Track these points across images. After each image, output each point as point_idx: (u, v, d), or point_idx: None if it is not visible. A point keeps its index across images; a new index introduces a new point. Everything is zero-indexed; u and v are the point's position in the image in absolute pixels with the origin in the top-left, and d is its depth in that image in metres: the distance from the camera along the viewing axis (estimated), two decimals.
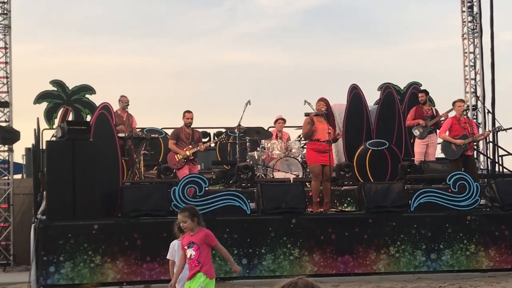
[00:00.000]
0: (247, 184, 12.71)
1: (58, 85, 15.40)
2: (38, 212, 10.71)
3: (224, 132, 16.05)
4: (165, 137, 15.44)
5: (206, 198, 10.64)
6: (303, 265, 10.53)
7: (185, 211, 6.88)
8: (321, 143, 11.30)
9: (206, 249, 6.80)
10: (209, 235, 6.84)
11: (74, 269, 9.94)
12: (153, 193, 10.67)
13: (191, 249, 6.77)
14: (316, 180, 11.38)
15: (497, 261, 10.99)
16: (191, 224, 6.77)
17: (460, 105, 13.16)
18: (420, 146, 14.42)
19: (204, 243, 6.78)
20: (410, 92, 16.02)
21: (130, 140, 13.31)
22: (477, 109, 17.88)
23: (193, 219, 6.77)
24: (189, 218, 6.77)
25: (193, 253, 6.77)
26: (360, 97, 15.07)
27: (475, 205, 11.28)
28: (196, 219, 6.80)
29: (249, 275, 10.41)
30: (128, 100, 14.12)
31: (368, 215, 10.91)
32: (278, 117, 14.83)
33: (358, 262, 10.68)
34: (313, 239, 10.61)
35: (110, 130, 11.28)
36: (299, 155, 13.94)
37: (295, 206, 10.77)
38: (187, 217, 6.78)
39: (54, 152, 10.39)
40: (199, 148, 13.04)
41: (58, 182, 10.21)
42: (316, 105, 11.64)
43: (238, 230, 10.47)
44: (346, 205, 12.71)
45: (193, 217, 6.78)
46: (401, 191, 11.20)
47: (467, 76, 17.99)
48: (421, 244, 10.83)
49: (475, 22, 17.99)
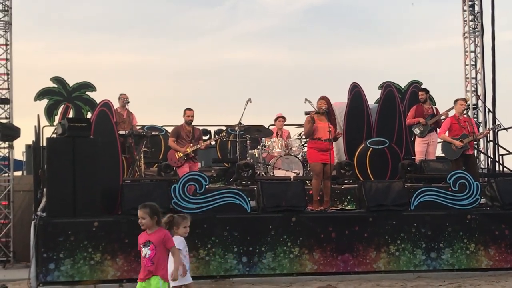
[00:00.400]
0: (247, 182, 12.71)
1: (59, 82, 15.42)
2: (38, 209, 10.71)
3: (224, 130, 16.02)
4: (166, 134, 15.44)
5: (206, 196, 10.63)
6: (303, 264, 10.53)
7: (146, 207, 6.74)
8: (322, 141, 11.31)
9: (163, 250, 6.65)
10: (167, 236, 6.71)
11: (74, 266, 9.93)
12: (153, 191, 10.65)
13: (146, 248, 6.63)
14: (317, 178, 11.38)
15: (497, 260, 10.98)
16: (150, 222, 6.65)
17: (462, 104, 13.14)
18: (421, 145, 14.42)
19: (161, 243, 6.63)
20: (411, 90, 16.03)
21: (131, 137, 13.31)
22: (477, 108, 17.88)
23: (152, 217, 6.65)
24: (148, 216, 6.64)
25: (148, 253, 6.64)
26: (361, 95, 15.07)
27: (475, 204, 11.27)
28: (156, 218, 6.68)
29: (249, 273, 10.41)
30: (128, 97, 14.12)
31: (368, 213, 10.90)
32: (278, 115, 14.83)
33: (358, 260, 10.67)
34: (313, 238, 10.61)
35: (110, 128, 11.28)
36: (300, 153, 13.94)
37: (295, 204, 10.76)
38: (147, 214, 6.65)
39: (54, 149, 10.39)
40: (200, 146, 13.03)
41: (58, 179, 10.20)
42: (317, 103, 11.64)
43: (238, 228, 10.47)
44: (347, 203, 12.71)
45: (153, 215, 6.66)
46: (402, 189, 11.20)
47: (468, 75, 17.98)
48: (421, 243, 10.83)
49: (476, 21, 17.98)
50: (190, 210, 10.44)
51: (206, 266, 10.28)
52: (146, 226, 6.69)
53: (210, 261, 10.30)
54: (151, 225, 6.68)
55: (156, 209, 6.76)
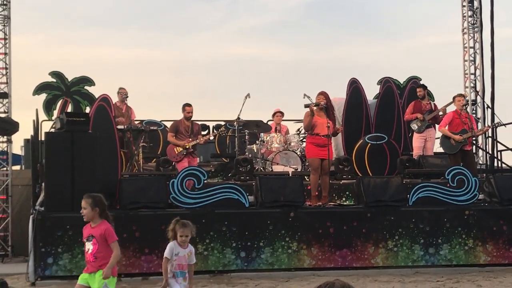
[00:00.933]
0: (246, 177, 12.71)
1: (57, 77, 15.39)
2: (36, 203, 10.71)
3: (223, 125, 16.03)
4: (164, 129, 15.42)
5: (205, 191, 10.64)
6: (301, 259, 10.55)
7: (89, 197, 6.58)
8: (321, 137, 11.30)
9: (105, 244, 6.48)
10: (108, 230, 6.51)
11: (72, 261, 9.94)
12: (151, 186, 10.67)
13: (89, 243, 6.50)
14: (315, 173, 11.38)
15: (494, 256, 11.00)
16: (90, 213, 6.48)
17: (460, 100, 13.15)
18: (419, 140, 14.42)
19: (103, 238, 6.47)
20: (410, 86, 16.01)
21: (129, 132, 13.29)
22: (476, 104, 17.88)
23: (93, 208, 6.47)
24: (89, 206, 6.47)
25: (91, 248, 6.50)
26: (360, 91, 15.06)
27: (473, 200, 11.28)
28: (98, 210, 6.49)
29: (247, 268, 10.43)
30: (126, 92, 14.09)
31: (366, 209, 10.91)
32: (276, 110, 14.82)
33: (356, 256, 10.69)
34: (312, 233, 10.62)
35: (109, 122, 11.27)
36: (298, 148, 13.94)
37: (293, 200, 10.77)
38: (89, 204, 6.48)
39: (53, 144, 10.39)
40: (199, 141, 13.03)
41: (57, 173, 10.21)
42: (316, 98, 11.63)
43: (236, 223, 10.48)
44: (345, 199, 12.71)
45: (95, 206, 6.48)
46: (400, 185, 11.21)
47: (467, 71, 17.97)
48: (419, 238, 10.84)
49: (476, 17, 17.96)
50: (188, 205, 10.46)
51: (204, 261, 10.29)
52: (87, 217, 6.52)
53: (208, 256, 10.32)
54: (92, 216, 6.49)
55: (99, 201, 6.56)
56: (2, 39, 14.14)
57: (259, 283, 9.71)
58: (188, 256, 6.95)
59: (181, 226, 6.93)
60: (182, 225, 6.95)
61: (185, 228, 6.93)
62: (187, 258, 6.94)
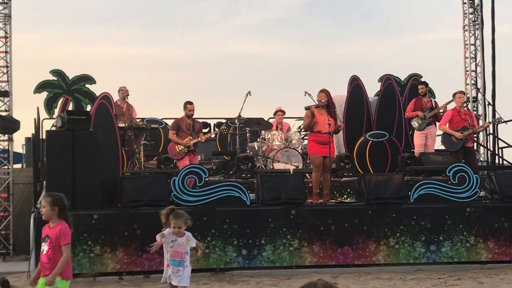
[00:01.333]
0: (247, 175, 12.72)
1: (58, 75, 15.39)
2: (37, 201, 10.71)
3: (224, 123, 16.04)
4: (165, 127, 15.43)
5: (206, 189, 10.64)
6: (302, 256, 10.55)
7: (49, 196, 6.31)
8: (322, 135, 11.29)
9: (59, 246, 6.14)
10: (62, 231, 6.15)
11: (74, 259, 9.92)
12: (153, 184, 10.67)
13: (45, 243, 6.20)
14: (317, 171, 11.36)
15: (496, 253, 11.00)
16: (48, 212, 6.19)
17: (460, 97, 13.14)
18: (419, 138, 14.42)
19: (57, 240, 6.14)
20: (411, 83, 16.00)
21: (130, 130, 13.29)
22: (477, 101, 17.87)
23: (52, 207, 6.18)
24: (48, 205, 6.19)
25: (45, 248, 6.20)
26: (361, 88, 15.06)
27: (474, 197, 11.28)
28: (57, 210, 6.18)
29: (248, 265, 10.43)
30: (127, 90, 14.10)
31: (367, 206, 10.91)
32: (278, 109, 14.82)
33: (358, 253, 10.69)
34: (313, 230, 10.62)
35: (110, 120, 11.27)
36: (299, 146, 13.93)
37: (294, 197, 10.77)
38: (48, 203, 6.20)
39: (54, 142, 10.39)
40: (200, 139, 13.02)
41: (58, 171, 10.21)
42: (317, 96, 11.62)
43: (238, 221, 10.48)
44: (346, 196, 12.71)
45: (53, 205, 6.19)
46: (401, 182, 11.20)
47: (467, 68, 17.96)
48: (420, 235, 10.84)
49: (476, 14, 17.95)
50: (189, 203, 10.46)
51: (206, 259, 10.29)
52: (45, 215, 6.26)
53: (210, 254, 10.31)
54: (51, 216, 6.22)
55: (59, 201, 6.26)
56: (2, 38, 14.14)
57: (260, 281, 9.71)
58: (187, 242, 6.98)
59: (175, 217, 6.89)
60: (175, 215, 6.90)
61: (178, 219, 6.88)
62: (186, 246, 6.95)
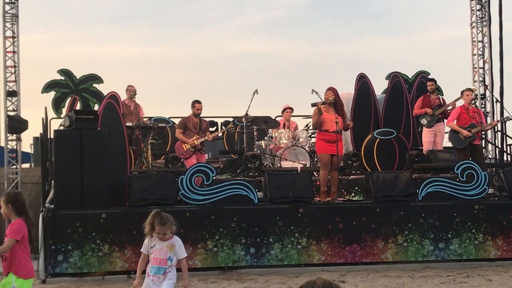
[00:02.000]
0: (254, 173, 12.72)
1: (66, 75, 15.42)
2: (46, 201, 10.75)
3: (231, 122, 16.01)
4: (173, 126, 15.44)
5: (213, 187, 10.64)
6: (310, 254, 10.55)
7: (3, 195, 6.12)
8: (330, 133, 11.27)
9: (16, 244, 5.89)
10: (13, 225, 5.92)
11: (82, 258, 9.97)
12: (160, 182, 10.68)
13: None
14: (325, 169, 11.35)
15: (505, 250, 10.98)
16: (5, 211, 5.99)
17: (468, 94, 13.12)
18: (428, 135, 14.38)
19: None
20: (418, 81, 15.97)
21: (138, 129, 13.31)
22: (485, 98, 17.82)
23: (6, 205, 5.96)
24: (3, 203, 6.00)
25: None
26: (368, 86, 15.03)
27: (483, 194, 11.26)
28: (11, 207, 5.95)
29: (257, 264, 10.43)
30: (135, 89, 14.11)
31: (375, 204, 10.90)
32: (286, 106, 14.81)
33: (366, 251, 10.68)
34: (321, 228, 10.61)
35: (117, 119, 11.29)
36: (307, 144, 13.92)
37: (302, 195, 10.77)
38: (3, 201, 6.00)
39: (62, 141, 10.41)
40: (207, 138, 13.02)
41: (66, 171, 10.24)
42: (324, 94, 11.61)
43: (245, 219, 10.48)
44: (354, 194, 12.70)
45: (7, 203, 5.96)
46: (409, 180, 11.19)
47: (475, 65, 17.92)
48: (429, 233, 10.82)
49: (484, 11, 17.91)
50: (197, 202, 10.48)
51: (214, 258, 10.31)
52: (4, 215, 6.08)
53: (218, 253, 10.32)
54: (8, 214, 6.02)
55: (12, 198, 6.04)
56: (10, 38, 14.19)
57: (268, 279, 9.71)
58: (170, 248, 6.35)
59: (160, 223, 6.30)
60: (160, 221, 6.30)
61: (163, 226, 6.31)
62: (167, 252, 6.33)
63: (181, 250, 6.42)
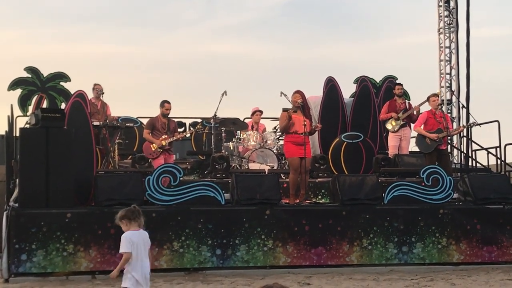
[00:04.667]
0: (222, 174, 12.69)
1: (33, 72, 15.24)
2: (10, 199, 10.63)
3: (199, 123, 15.97)
4: (140, 126, 15.36)
5: (180, 188, 10.62)
6: (276, 256, 10.56)
7: None
8: (299, 135, 11.31)
9: None
10: None
11: (47, 258, 9.87)
12: (127, 182, 10.63)
13: None
14: (295, 173, 11.38)
15: (468, 255, 11.09)
16: None
17: (434, 100, 13.27)
18: (394, 140, 14.48)
19: None
20: (386, 85, 16.08)
21: (105, 128, 13.22)
22: (451, 104, 18.03)
23: None
24: None
25: None
26: (336, 89, 15.12)
27: (448, 199, 11.38)
28: None
29: (222, 265, 10.42)
30: (102, 88, 14.00)
31: (342, 207, 10.96)
32: (256, 109, 14.82)
33: (331, 253, 10.73)
34: (287, 231, 10.64)
35: (84, 118, 11.21)
36: (275, 146, 13.94)
37: (269, 197, 10.79)
38: None
39: (27, 140, 10.31)
40: (175, 138, 12.98)
41: (31, 169, 10.13)
42: (292, 97, 11.66)
43: (212, 221, 10.46)
44: (320, 197, 12.74)
45: None
46: (375, 184, 11.27)
47: (442, 70, 18.13)
48: (393, 236, 10.90)
49: (451, 17, 18.13)
50: (164, 202, 10.44)
51: (180, 259, 10.27)
52: None
53: (184, 254, 10.30)
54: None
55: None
56: None
57: (234, 281, 9.71)
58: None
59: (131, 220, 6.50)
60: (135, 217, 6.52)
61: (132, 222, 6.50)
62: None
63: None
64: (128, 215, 6.52)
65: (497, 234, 11.20)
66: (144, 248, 6.53)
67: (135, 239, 6.45)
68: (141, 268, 6.44)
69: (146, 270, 6.50)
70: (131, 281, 6.41)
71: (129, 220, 6.51)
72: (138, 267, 6.43)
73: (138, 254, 6.44)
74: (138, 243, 6.46)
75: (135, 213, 6.54)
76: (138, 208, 6.62)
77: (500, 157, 14.92)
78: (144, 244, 6.52)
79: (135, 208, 6.60)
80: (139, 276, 6.42)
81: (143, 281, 6.45)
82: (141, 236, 6.53)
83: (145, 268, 6.49)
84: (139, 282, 6.43)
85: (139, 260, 6.45)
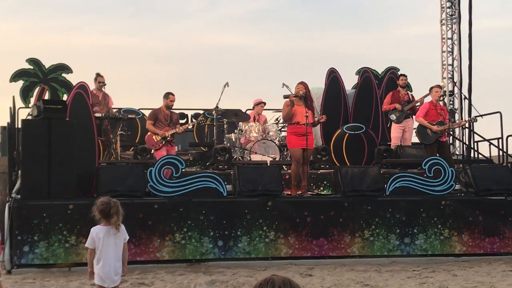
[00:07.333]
0: (224, 166, 12.71)
1: (35, 64, 15.23)
2: (12, 191, 10.64)
3: (201, 114, 15.98)
4: (142, 117, 15.37)
5: (182, 180, 10.62)
6: (278, 248, 10.57)
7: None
8: (301, 126, 11.29)
9: None
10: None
11: (49, 249, 9.89)
12: (129, 174, 10.63)
13: None
14: (297, 164, 11.37)
15: (470, 246, 11.10)
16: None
17: (437, 91, 13.24)
18: (397, 131, 14.49)
19: None
20: (388, 77, 16.07)
21: (107, 120, 13.22)
22: (453, 95, 18.00)
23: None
24: None
25: None
26: (338, 81, 15.10)
27: (449, 190, 11.37)
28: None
29: (224, 257, 10.43)
30: (104, 79, 13.99)
31: (344, 198, 10.96)
32: (259, 100, 14.82)
33: (333, 245, 10.73)
34: (289, 222, 10.64)
35: (86, 110, 11.20)
36: (277, 138, 13.95)
37: (271, 189, 10.79)
38: None
39: (29, 131, 10.30)
40: (177, 130, 12.99)
41: (33, 161, 10.13)
42: (295, 88, 11.64)
43: (214, 212, 10.47)
44: (322, 188, 12.75)
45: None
46: (377, 175, 11.26)
47: (444, 61, 18.09)
48: (395, 228, 10.91)
49: (454, 8, 18.07)
50: (166, 194, 10.45)
51: (182, 250, 10.29)
52: None
53: (186, 245, 10.30)
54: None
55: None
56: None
57: (236, 272, 9.72)
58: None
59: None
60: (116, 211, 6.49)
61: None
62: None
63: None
64: (103, 210, 6.46)
65: (499, 226, 11.20)
66: (115, 243, 6.45)
67: (101, 235, 6.42)
68: (107, 265, 6.39)
69: (111, 266, 6.41)
70: (97, 277, 6.42)
71: (101, 215, 6.48)
72: (102, 263, 6.39)
73: (102, 250, 6.40)
74: (104, 238, 6.41)
75: (106, 212, 6.46)
76: (117, 205, 6.52)
77: (502, 148, 14.91)
78: (114, 239, 6.45)
79: (114, 204, 6.50)
80: (102, 272, 6.38)
81: (106, 277, 6.39)
82: (110, 232, 6.44)
83: (110, 265, 6.41)
84: (103, 278, 6.39)
85: (103, 256, 6.40)
